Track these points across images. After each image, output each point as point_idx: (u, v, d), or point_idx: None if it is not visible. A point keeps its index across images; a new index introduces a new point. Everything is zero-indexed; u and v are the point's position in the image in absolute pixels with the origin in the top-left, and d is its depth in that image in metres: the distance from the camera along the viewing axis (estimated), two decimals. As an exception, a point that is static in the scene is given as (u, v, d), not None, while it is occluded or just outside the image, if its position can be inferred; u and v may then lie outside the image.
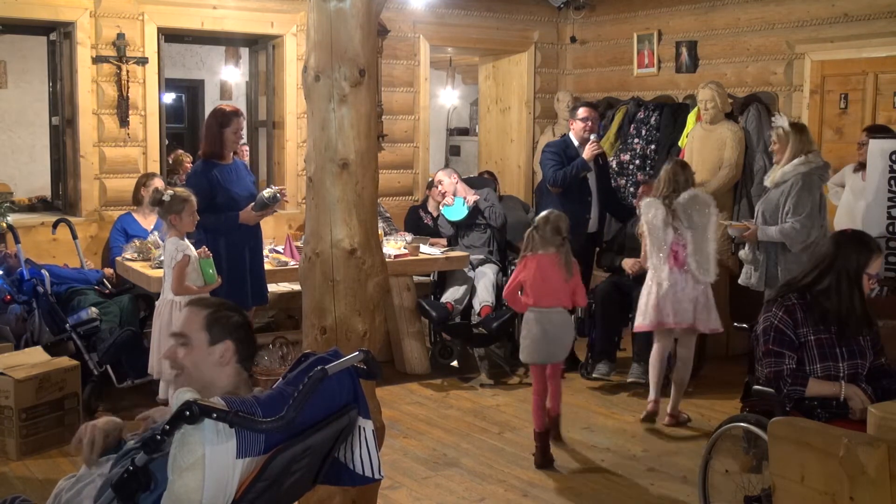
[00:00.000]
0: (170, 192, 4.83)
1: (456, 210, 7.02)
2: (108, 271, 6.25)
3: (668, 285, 5.26)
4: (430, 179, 7.92)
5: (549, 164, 6.31)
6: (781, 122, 5.44)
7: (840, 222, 5.85)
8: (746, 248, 5.56)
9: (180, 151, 10.30)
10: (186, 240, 4.84)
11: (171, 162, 9.63)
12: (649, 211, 5.32)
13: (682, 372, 5.45)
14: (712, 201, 5.35)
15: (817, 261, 3.59)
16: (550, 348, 4.89)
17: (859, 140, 5.97)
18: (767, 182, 5.52)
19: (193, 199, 4.81)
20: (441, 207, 7.11)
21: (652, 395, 5.45)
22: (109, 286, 6.01)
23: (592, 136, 6.33)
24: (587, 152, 6.25)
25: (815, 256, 3.69)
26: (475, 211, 6.98)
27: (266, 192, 5.15)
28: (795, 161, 5.25)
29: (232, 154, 5.32)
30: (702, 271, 5.25)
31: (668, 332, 5.42)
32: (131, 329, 5.51)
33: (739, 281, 5.65)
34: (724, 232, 6.80)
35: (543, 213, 5.05)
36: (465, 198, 6.99)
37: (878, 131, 5.80)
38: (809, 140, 5.37)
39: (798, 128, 5.40)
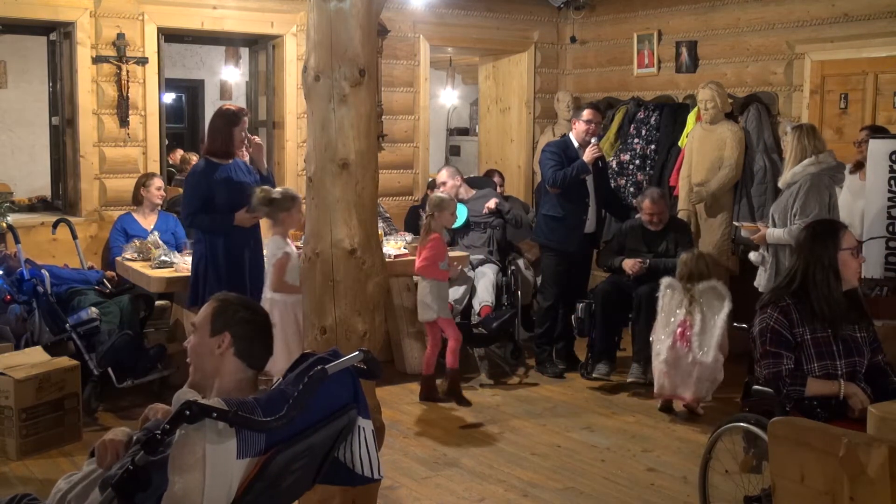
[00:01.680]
0: (279, 190, 4.99)
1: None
2: (110, 274, 6.23)
3: (668, 359, 5.37)
4: (431, 180, 7.92)
5: (549, 164, 6.30)
6: (786, 126, 5.45)
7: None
8: (759, 250, 5.56)
9: (180, 151, 10.31)
10: (289, 239, 5.02)
11: (175, 162, 9.66)
12: (666, 292, 5.49)
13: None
14: (728, 295, 5.42)
15: (796, 260, 3.59)
16: (420, 307, 5.84)
17: (859, 139, 5.94)
18: (780, 184, 5.52)
19: (300, 197, 4.91)
20: None
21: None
22: (110, 286, 6.00)
23: (593, 140, 6.32)
24: (587, 155, 6.24)
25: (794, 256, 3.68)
26: (470, 218, 6.98)
27: None
28: (805, 162, 5.22)
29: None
30: (701, 351, 5.31)
31: None
32: (128, 333, 5.50)
33: (755, 283, 5.62)
34: (724, 232, 6.82)
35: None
36: (465, 201, 6.98)
37: (876, 132, 5.79)
38: (818, 140, 5.32)
39: (805, 129, 5.36)
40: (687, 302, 5.42)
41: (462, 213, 6.98)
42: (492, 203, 6.93)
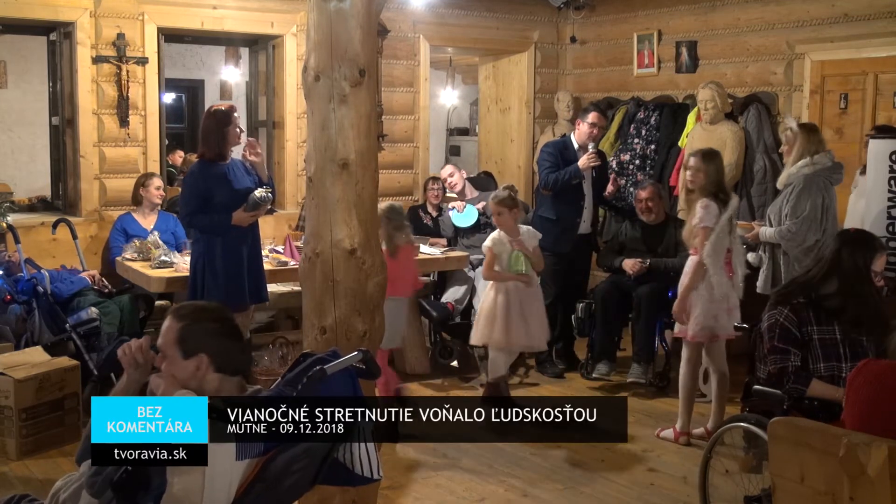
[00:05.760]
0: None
1: (466, 216, 7.04)
2: (93, 274, 6.09)
3: (723, 293, 4.91)
4: (428, 179, 7.92)
5: (545, 165, 6.32)
6: (790, 122, 5.41)
7: (849, 224, 5.80)
8: (758, 251, 5.54)
9: (180, 152, 10.31)
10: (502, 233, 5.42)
11: (177, 164, 9.65)
12: (725, 211, 4.92)
13: (724, 385, 5.07)
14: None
15: (823, 262, 3.58)
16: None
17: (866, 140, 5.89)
18: (778, 185, 5.50)
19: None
20: (450, 212, 7.13)
21: (681, 426, 5.09)
22: (109, 287, 5.99)
23: (591, 145, 6.31)
24: (582, 162, 6.24)
25: (820, 257, 3.69)
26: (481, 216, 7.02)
27: (257, 193, 5.16)
28: (800, 163, 5.20)
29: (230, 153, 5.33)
30: (737, 283, 4.99)
31: (699, 344, 5.09)
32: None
33: (757, 284, 5.59)
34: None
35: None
36: (478, 207, 7.01)
37: (884, 132, 5.76)
38: (818, 141, 5.26)
39: (806, 128, 5.33)
40: (728, 226, 4.87)
41: (472, 214, 7.00)
42: (480, 205, 6.98)
